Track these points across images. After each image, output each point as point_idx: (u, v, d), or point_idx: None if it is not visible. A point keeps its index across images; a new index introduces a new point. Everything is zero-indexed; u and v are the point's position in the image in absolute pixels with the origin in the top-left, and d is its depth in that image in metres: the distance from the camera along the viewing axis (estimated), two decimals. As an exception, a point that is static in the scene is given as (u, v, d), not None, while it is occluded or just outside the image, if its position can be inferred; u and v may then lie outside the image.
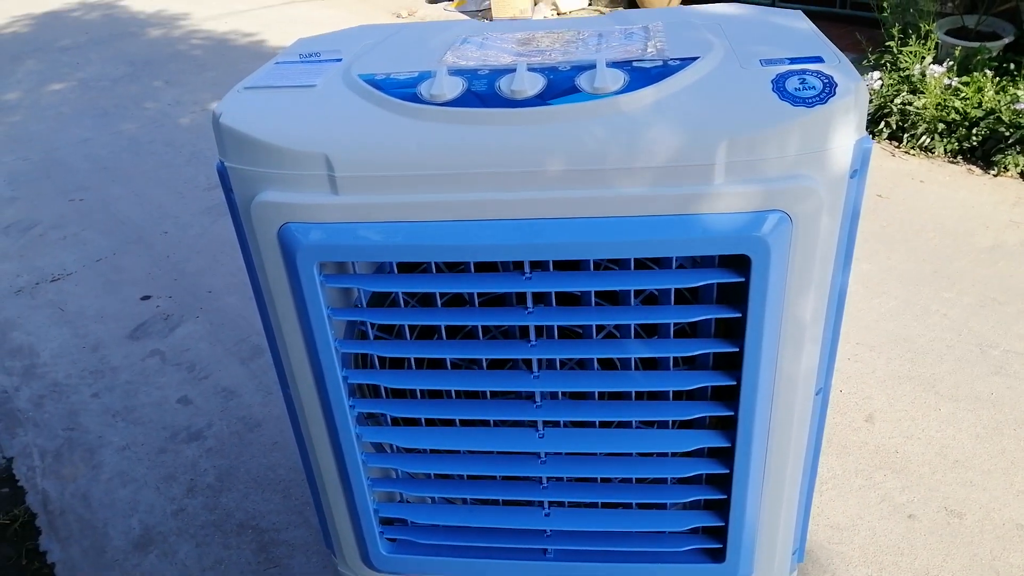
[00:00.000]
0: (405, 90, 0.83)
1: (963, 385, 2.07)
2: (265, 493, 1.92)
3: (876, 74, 3.49)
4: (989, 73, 3.31)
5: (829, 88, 0.77)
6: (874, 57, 3.74)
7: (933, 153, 3.34)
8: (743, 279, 0.82)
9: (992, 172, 3.17)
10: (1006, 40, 3.66)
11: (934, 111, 3.30)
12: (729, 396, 0.92)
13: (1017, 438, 1.89)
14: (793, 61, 0.82)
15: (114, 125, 4.37)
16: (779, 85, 0.78)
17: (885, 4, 3.83)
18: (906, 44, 3.55)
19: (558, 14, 5.87)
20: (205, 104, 4.58)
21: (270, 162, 0.83)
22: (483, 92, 0.81)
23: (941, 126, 3.31)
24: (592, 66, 0.83)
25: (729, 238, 0.79)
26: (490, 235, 0.81)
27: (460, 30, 1.03)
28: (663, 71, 0.81)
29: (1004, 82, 3.34)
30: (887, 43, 3.63)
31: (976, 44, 3.56)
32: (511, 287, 0.84)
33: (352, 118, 0.83)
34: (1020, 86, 3.25)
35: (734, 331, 0.88)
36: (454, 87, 0.82)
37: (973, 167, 3.23)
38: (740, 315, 0.84)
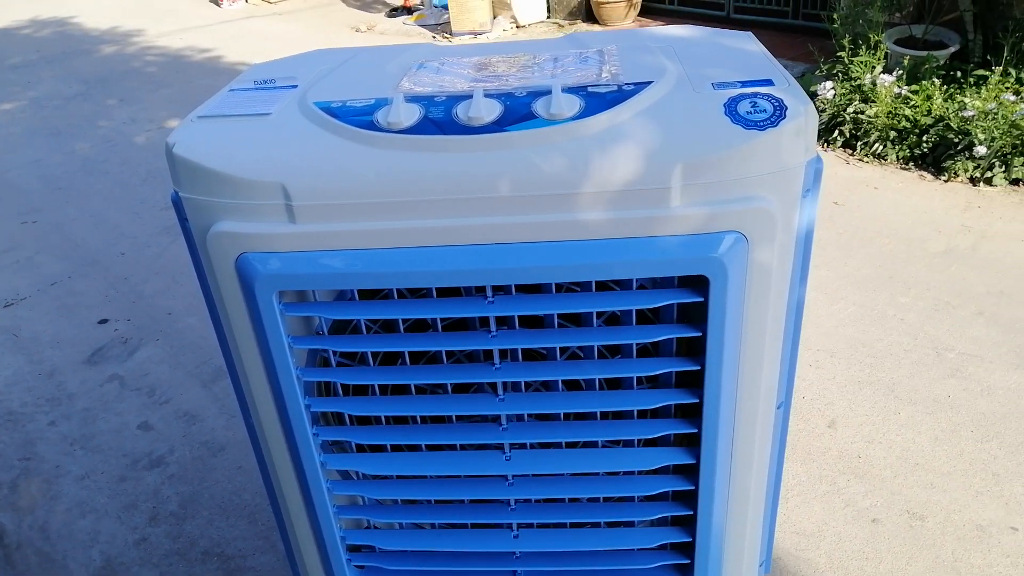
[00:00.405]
0: (362, 118, 0.83)
1: (921, 388, 2.12)
2: (230, 519, 1.89)
3: (829, 84, 3.56)
4: (937, 81, 3.41)
5: (779, 111, 0.79)
6: (826, 67, 3.82)
7: (886, 160, 3.42)
8: (702, 299, 0.83)
9: (943, 178, 3.25)
10: (952, 49, 3.77)
11: (885, 119, 3.38)
12: (692, 413, 0.93)
13: (974, 440, 1.94)
14: (744, 84, 0.83)
15: (67, 145, 4.29)
16: (731, 109, 0.80)
17: (836, 16, 3.92)
18: (856, 54, 3.64)
19: (517, 27, 5.91)
20: (161, 122, 4.52)
21: (225, 192, 0.82)
22: (440, 119, 0.81)
23: (893, 134, 3.39)
24: (548, 91, 0.83)
25: (687, 259, 0.80)
26: (451, 261, 0.81)
27: (416, 54, 1.03)
28: (618, 96, 0.82)
29: (952, 90, 3.43)
30: (838, 53, 3.72)
31: (924, 53, 3.66)
32: (474, 311, 0.85)
33: (309, 147, 0.82)
34: (967, 94, 3.35)
35: (695, 349, 0.89)
36: (411, 114, 0.82)
37: (924, 173, 3.31)
38: (700, 334, 0.85)
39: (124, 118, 4.66)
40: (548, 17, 6.05)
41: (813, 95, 3.60)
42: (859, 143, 3.50)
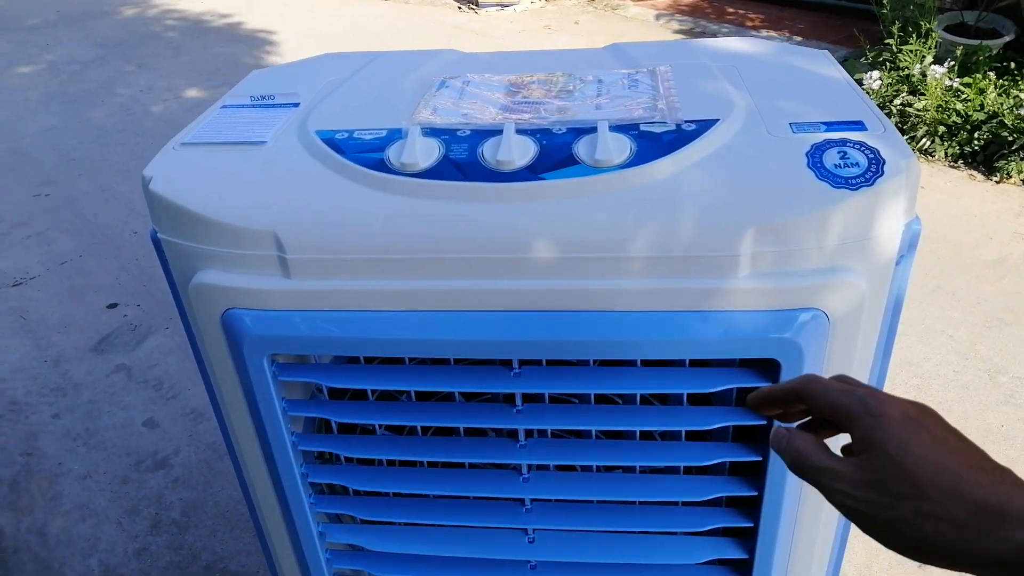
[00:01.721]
0: (371, 155, 0.70)
1: (971, 416, 1.98)
2: (234, 531, 1.80)
3: (875, 73, 3.36)
4: (992, 75, 3.20)
5: (876, 165, 0.65)
6: (872, 55, 3.61)
7: (933, 157, 3.23)
8: (769, 383, 0.70)
9: (994, 178, 3.06)
10: (1006, 38, 3.54)
11: (935, 113, 3.18)
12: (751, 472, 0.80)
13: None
14: (830, 127, 0.69)
15: (83, 113, 4.18)
16: (816, 160, 0.66)
17: (885, 0, 3.69)
18: (906, 42, 3.43)
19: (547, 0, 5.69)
20: (178, 91, 4.40)
21: (210, 238, 0.70)
22: (463, 160, 0.68)
23: (942, 129, 3.19)
24: (592, 129, 0.70)
25: (754, 340, 0.67)
26: (471, 330, 0.69)
27: (438, 65, 0.90)
28: (677, 138, 0.68)
29: (1006, 83, 3.22)
30: (886, 40, 3.50)
31: (976, 42, 3.44)
32: (497, 386, 0.72)
33: (307, 188, 0.69)
34: (1022, 86, 3.14)
35: (757, 432, 0.76)
36: (429, 153, 0.69)
37: (974, 172, 3.12)
38: (764, 423, 0.72)
39: (142, 85, 4.54)
40: (580, -12, 5.82)
41: (858, 84, 3.40)
42: (905, 138, 3.30)
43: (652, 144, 0.68)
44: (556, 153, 0.68)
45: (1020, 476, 0.40)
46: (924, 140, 3.23)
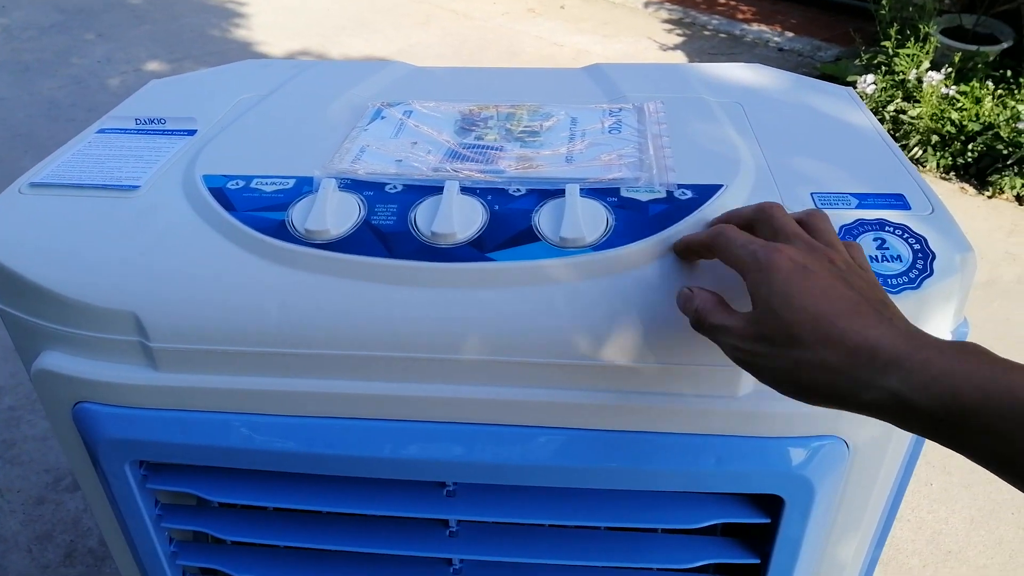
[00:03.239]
0: (268, 215, 0.54)
1: (955, 454, 1.86)
2: (159, 564, 1.63)
3: (870, 78, 3.22)
4: (990, 84, 3.08)
5: (923, 261, 0.50)
6: (867, 57, 3.47)
7: (924, 167, 3.10)
8: (768, 520, 0.55)
9: (986, 193, 2.95)
10: (1005, 45, 3.42)
11: (928, 122, 3.06)
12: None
13: (1017, 525, 1.68)
14: (863, 201, 0.54)
15: (34, 83, 3.93)
16: (845, 249, 0.50)
17: (884, 0, 3.55)
18: (903, 45, 3.29)
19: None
20: (138, 63, 4.16)
21: (54, 315, 0.53)
22: (389, 228, 0.52)
23: (935, 138, 3.07)
24: (559, 191, 0.54)
25: (753, 473, 0.52)
26: (393, 445, 0.53)
27: (379, 84, 0.73)
28: (667, 211, 0.52)
29: (1003, 93, 3.10)
30: (882, 42, 3.36)
31: (974, 47, 3.32)
32: (426, 510, 0.57)
33: (182, 256, 0.53)
34: (1019, 97, 3.02)
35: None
36: (344, 216, 0.53)
37: (966, 185, 3.00)
38: (759, 560, 0.57)
39: (99, 56, 4.29)
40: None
41: (852, 87, 3.26)
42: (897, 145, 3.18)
43: (635, 218, 0.52)
44: (511, 224, 0.52)
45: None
46: (916, 149, 3.10)
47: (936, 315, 0.50)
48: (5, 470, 1.85)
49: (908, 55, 3.23)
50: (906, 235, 0.51)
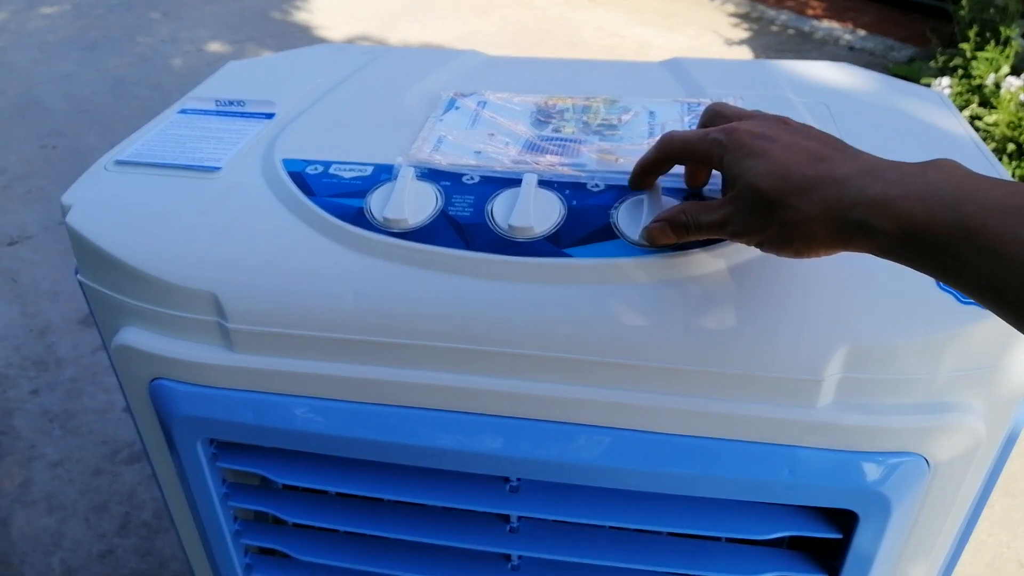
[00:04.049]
0: (347, 201, 0.54)
1: (1019, 477, 1.80)
2: (209, 537, 1.67)
3: (945, 80, 3.12)
4: (1071, 91, 2.95)
5: (1021, 276, 0.48)
6: (942, 59, 3.36)
7: (994, 174, 3.00)
8: (840, 536, 0.54)
9: (1059, 204, 2.84)
10: (1086, 49, 3.28)
11: (1005, 129, 2.95)
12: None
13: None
14: (957, 211, 0.52)
15: (101, 60, 4.03)
16: (938, 260, 0.49)
17: (963, 0, 3.43)
18: (982, 48, 3.17)
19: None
20: (201, 43, 4.23)
21: (135, 291, 0.54)
22: (465, 219, 0.52)
23: (1011, 147, 2.96)
24: (639, 190, 0.53)
25: (828, 488, 0.51)
26: (461, 437, 0.53)
27: (451, 73, 0.73)
28: (751, 212, 0.51)
29: (1083, 101, 2.98)
30: (960, 44, 3.25)
31: (1054, 52, 3.19)
32: (489, 504, 0.56)
33: (261, 239, 0.53)
34: (1099, 106, 2.89)
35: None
36: (422, 205, 0.53)
37: (1038, 195, 2.90)
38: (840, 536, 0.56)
39: (164, 35, 4.38)
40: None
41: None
42: (965, 151, 3.07)
43: (717, 218, 0.51)
44: (589, 220, 0.51)
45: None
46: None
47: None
48: (65, 440, 1.91)
49: (987, 59, 3.12)
50: (1004, 248, 0.49)
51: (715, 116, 0.49)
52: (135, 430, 0.68)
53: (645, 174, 0.52)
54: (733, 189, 0.43)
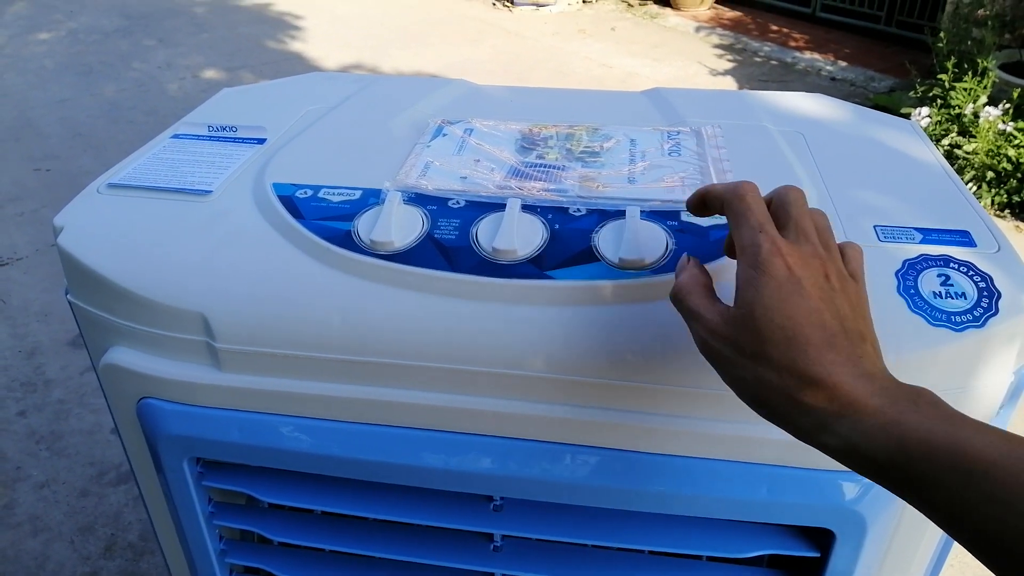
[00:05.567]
0: (335, 224, 0.55)
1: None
2: (195, 561, 1.66)
3: (925, 110, 3.18)
4: (1051, 121, 3.01)
5: (988, 299, 0.49)
6: (922, 89, 3.42)
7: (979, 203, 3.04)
8: (817, 554, 0.55)
9: (1043, 232, 2.88)
10: (1066, 81, 3.35)
11: (984, 158, 3.00)
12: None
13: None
14: (927, 236, 0.54)
15: (96, 86, 4.06)
16: (909, 283, 0.50)
17: (942, 33, 3.50)
18: (960, 79, 3.24)
19: (583, 2, 5.53)
20: (196, 70, 4.27)
21: (124, 312, 0.55)
22: (451, 242, 0.53)
23: (990, 175, 3.01)
24: (619, 212, 0.55)
25: (805, 506, 0.52)
26: (446, 456, 0.54)
27: (440, 101, 0.75)
28: (728, 237, 0.53)
29: (1064, 131, 3.03)
30: (938, 75, 3.31)
31: (1033, 84, 3.25)
32: (471, 523, 0.57)
33: (251, 260, 0.55)
34: (1080, 137, 2.94)
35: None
36: (408, 228, 0.54)
37: (1021, 224, 2.94)
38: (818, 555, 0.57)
39: (160, 62, 4.42)
40: (618, -8, 5.65)
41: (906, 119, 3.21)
42: (950, 180, 3.12)
43: (695, 242, 0.52)
44: (571, 243, 0.53)
45: (879, 360, 0.40)
46: (971, 185, 3.05)
47: (999, 354, 0.49)
48: (52, 461, 1.90)
49: (965, 89, 3.18)
50: (972, 272, 0.50)
51: (782, 205, 0.44)
52: (122, 450, 0.68)
53: (703, 206, 0.47)
54: (737, 307, 0.41)
